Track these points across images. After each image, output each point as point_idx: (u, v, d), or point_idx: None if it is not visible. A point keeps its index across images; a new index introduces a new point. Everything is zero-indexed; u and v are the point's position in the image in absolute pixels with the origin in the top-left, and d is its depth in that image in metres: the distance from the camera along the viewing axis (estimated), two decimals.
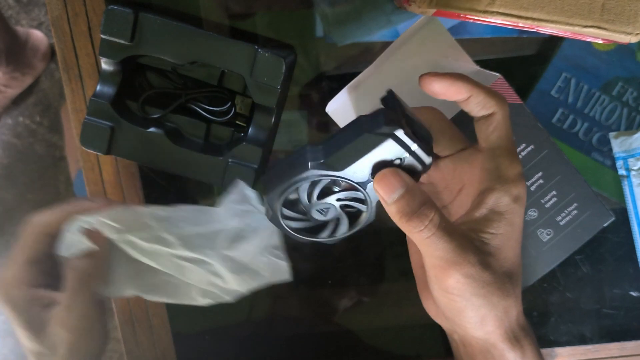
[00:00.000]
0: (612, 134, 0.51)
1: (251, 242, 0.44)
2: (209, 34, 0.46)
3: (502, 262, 0.37)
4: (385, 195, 0.36)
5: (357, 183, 0.38)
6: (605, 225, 0.46)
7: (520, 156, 0.45)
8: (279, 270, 0.44)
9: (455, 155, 0.40)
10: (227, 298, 0.45)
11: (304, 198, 0.40)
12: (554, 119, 0.52)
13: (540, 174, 0.45)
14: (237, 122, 0.52)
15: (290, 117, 0.53)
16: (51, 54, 1.50)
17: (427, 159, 0.37)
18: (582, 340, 0.56)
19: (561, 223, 0.46)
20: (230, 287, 0.45)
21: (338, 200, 0.40)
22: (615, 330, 0.55)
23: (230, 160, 0.49)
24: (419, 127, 0.37)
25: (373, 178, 0.37)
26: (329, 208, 0.40)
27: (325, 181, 0.39)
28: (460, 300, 0.36)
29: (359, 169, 0.37)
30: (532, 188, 0.46)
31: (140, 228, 0.43)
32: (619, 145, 0.51)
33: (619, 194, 0.53)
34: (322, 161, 0.37)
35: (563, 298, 0.55)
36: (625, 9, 0.41)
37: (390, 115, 0.36)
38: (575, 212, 0.46)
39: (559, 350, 0.56)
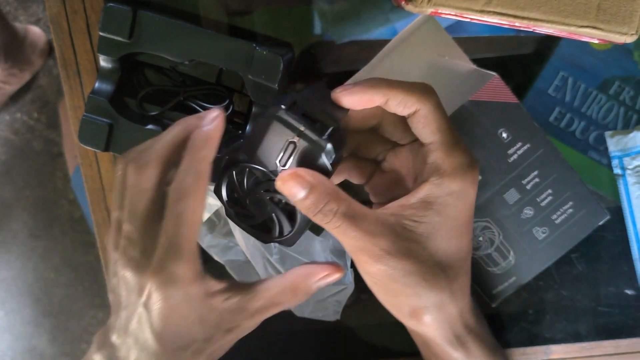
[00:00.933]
0: (607, 133, 0.52)
1: (325, 289, 0.51)
2: (207, 31, 0.46)
3: (432, 251, 0.36)
4: (289, 196, 0.35)
5: (270, 171, 0.37)
6: (600, 223, 0.47)
7: (516, 155, 0.45)
8: (329, 315, 0.53)
9: (409, 145, 0.40)
10: None
11: (238, 189, 0.39)
12: (551, 118, 0.52)
13: (536, 172, 0.46)
14: (235, 119, 0.52)
15: None
16: (49, 50, 1.49)
17: (324, 143, 0.36)
18: (577, 337, 0.56)
19: (557, 221, 0.46)
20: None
21: (266, 191, 0.39)
22: (610, 328, 0.55)
23: (227, 157, 0.49)
24: (319, 111, 0.36)
25: (281, 165, 0.36)
26: (260, 201, 0.39)
27: (244, 170, 0.38)
28: (381, 286, 0.36)
29: (267, 156, 0.37)
30: (528, 187, 0.46)
31: None
32: (614, 144, 0.51)
33: (614, 192, 0.53)
34: (238, 149, 0.37)
35: (558, 296, 0.55)
36: (621, 9, 0.41)
37: (286, 98, 0.36)
38: (570, 210, 0.46)
39: (554, 348, 0.56)
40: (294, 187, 0.35)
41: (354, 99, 0.37)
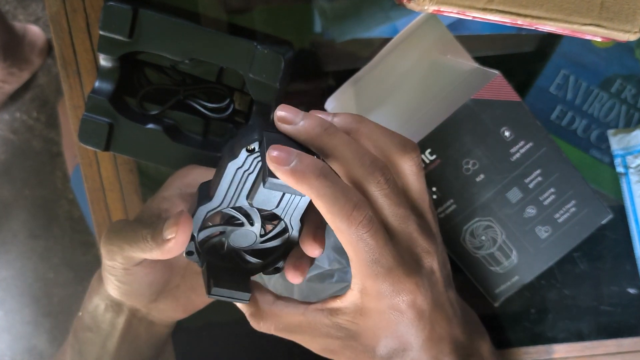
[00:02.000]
0: (610, 132, 0.52)
1: (328, 286, 0.51)
2: (207, 30, 0.46)
3: (371, 344, 0.38)
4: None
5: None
6: (603, 222, 0.47)
7: (518, 153, 0.45)
8: None
9: None
10: None
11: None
12: (553, 116, 0.52)
13: (538, 171, 0.45)
14: (236, 118, 0.52)
15: None
16: (48, 49, 1.49)
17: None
18: (579, 337, 0.56)
19: (559, 220, 0.46)
20: None
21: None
22: (612, 327, 0.55)
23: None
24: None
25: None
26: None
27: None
28: None
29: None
30: (531, 185, 0.46)
31: None
32: (617, 142, 0.51)
33: (617, 191, 0.53)
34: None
35: (561, 295, 0.55)
36: (624, 7, 0.41)
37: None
38: (573, 209, 0.46)
39: (557, 347, 0.56)
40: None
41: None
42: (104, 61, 0.48)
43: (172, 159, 0.49)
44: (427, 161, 0.45)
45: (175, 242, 0.36)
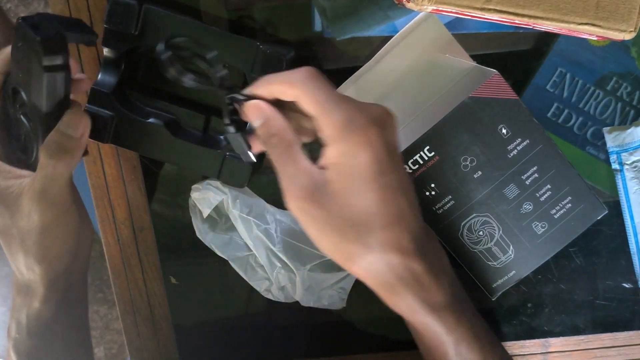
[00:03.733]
0: (605, 129, 0.52)
1: (330, 276, 0.53)
2: (212, 29, 0.47)
3: (342, 207, 0.38)
4: (250, 120, 0.41)
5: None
6: (598, 218, 0.47)
7: (515, 150, 0.46)
8: (335, 303, 0.55)
9: None
10: (283, 300, 0.54)
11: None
12: (549, 114, 0.52)
13: (535, 167, 0.46)
14: (235, 117, 0.52)
15: None
16: None
17: (38, 45, 0.38)
18: (575, 330, 0.56)
19: (555, 216, 0.47)
20: (295, 296, 0.54)
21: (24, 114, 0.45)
22: (607, 321, 0.56)
23: (227, 153, 0.49)
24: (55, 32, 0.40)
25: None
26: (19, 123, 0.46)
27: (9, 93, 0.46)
28: (302, 226, 0.40)
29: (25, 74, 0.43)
30: (527, 182, 0.46)
31: (260, 218, 0.52)
32: (612, 139, 0.52)
33: (612, 187, 0.54)
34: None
35: (557, 289, 0.56)
36: (619, 7, 0.42)
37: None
38: (569, 205, 0.47)
39: (553, 341, 0.57)
40: (252, 114, 0.40)
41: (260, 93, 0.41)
42: (107, 54, 0.48)
43: (172, 153, 0.49)
44: (426, 158, 0.46)
45: None
